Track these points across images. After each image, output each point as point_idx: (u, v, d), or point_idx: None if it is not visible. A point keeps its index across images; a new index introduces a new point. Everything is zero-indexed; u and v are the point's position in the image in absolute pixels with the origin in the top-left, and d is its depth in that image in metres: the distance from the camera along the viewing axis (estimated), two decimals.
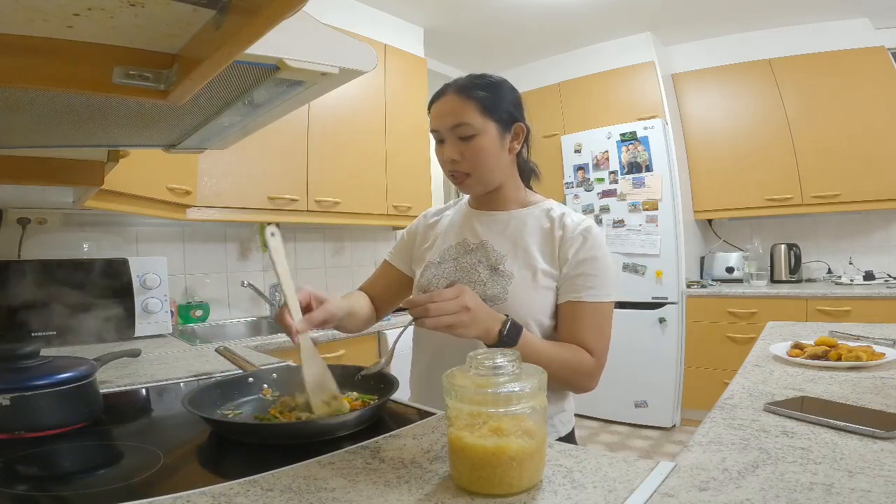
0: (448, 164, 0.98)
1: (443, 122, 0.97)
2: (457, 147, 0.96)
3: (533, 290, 0.96)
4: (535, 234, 1.01)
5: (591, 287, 0.94)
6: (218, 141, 1.10)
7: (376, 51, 0.83)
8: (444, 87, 1.00)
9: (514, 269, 0.97)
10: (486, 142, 0.96)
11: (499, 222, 1.04)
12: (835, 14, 3.12)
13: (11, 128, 0.90)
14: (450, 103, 0.96)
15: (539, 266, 0.97)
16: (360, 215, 2.76)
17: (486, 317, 0.84)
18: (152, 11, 0.55)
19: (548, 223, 1.01)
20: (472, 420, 0.58)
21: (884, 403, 0.85)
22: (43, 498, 0.64)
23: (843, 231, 3.38)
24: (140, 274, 1.92)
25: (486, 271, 0.99)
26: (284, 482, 0.62)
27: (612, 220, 3.41)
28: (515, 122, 1.00)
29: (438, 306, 0.78)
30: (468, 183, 0.99)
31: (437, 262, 1.06)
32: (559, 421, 1.03)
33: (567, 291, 0.96)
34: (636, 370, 3.29)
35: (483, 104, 0.95)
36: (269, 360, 1.35)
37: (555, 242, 0.98)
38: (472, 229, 1.06)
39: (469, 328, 0.81)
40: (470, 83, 0.97)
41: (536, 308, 0.96)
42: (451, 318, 0.78)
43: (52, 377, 0.85)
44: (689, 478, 0.60)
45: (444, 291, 0.80)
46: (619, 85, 3.55)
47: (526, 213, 1.04)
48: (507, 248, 1.00)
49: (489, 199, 1.06)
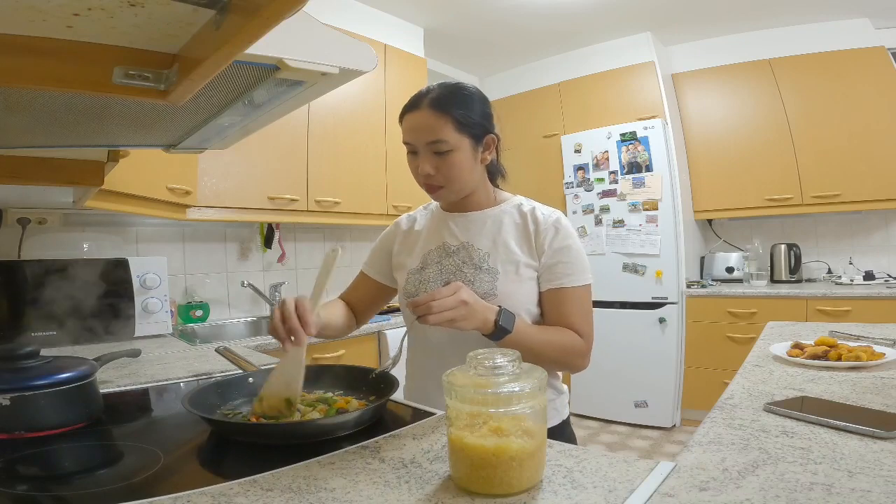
0: (421, 177, 1.01)
1: (418, 136, 0.99)
2: (432, 161, 0.98)
3: (518, 283, 1.01)
4: (511, 230, 1.06)
5: (569, 273, 1.01)
6: (218, 141, 1.10)
7: (376, 51, 0.83)
8: (416, 98, 1.01)
9: (498, 265, 1.02)
10: (461, 157, 0.99)
11: (475, 222, 1.08)
12: (835, 14, 3.11)
13: (11, 128, 0.90)
14: (425, 118, 0.97)
15: (520, 259, 1.02)
16: (360, 215, 2.76)
17: (482, 308, 0.90)
18: (152, 11, 0.55)
19: (520, 218, 1.07)
20: (472, 420, 0.58)
21: (884, 403, 0.85)
22: (43, 498, 0.64)
23: (843, 231, 3.38)
24: (140, 274, 1.92)
25: (471, 270, 1.03)
26: (284, 482, 0.62)
27: (612, 220, 3.40)
28: (487, 134, 1.02)
29: (440, 303, 0.84)
30: (441, 194, 1.03)
31: (420, 267, 1.09)
32: (560, 404, 1.08)
33: (549, 280, 1.02)
34: (636, 370, 3.29)
35: (459, 121, 0.97)
36: (269, 360, 1.35)
37: (530, 235, 1.04)
38: (451, 232, 1.09)
39: (468, 320, 0.87)
40: (445, 98, 0.98)
41: (525, 299, 1.02)
42: (451, 313, 0.85)
43: (52, 377, 0.85)
44: (689, 478, 0.60)
45: (442, 289, 0.87)
46: (619, 85, 3.55)
47: (499, 211, 1.09)
48: (487, 246, 1.05)
49: (462, 202, 1.10)
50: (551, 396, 1.06)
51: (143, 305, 1.91)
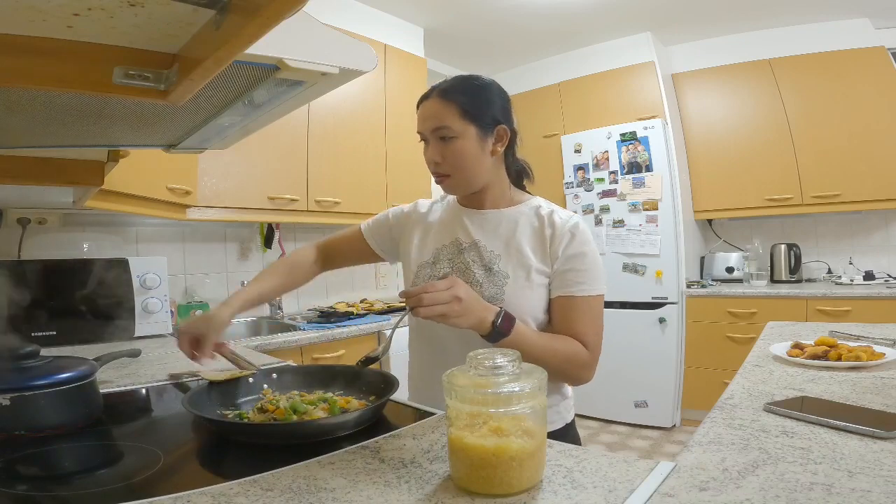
0: (431, 164, 1.02)
1: (425, 124, 1.00)
2: (438, 149, 0.99)
3: (528, 289, 0.98)
4: (526, 233, 1.03)
5: (581, 282, 0.97)
6: (218, 141, 1.10)
7: (376, 51, 0.83)
8: (431, 88, 1.03)
9: (509, 268, 1.00)
10: (466, 145, 0.98)
11: (489, 221, 1.06)
12: (835, 14, 3.11)
13: (11, 128, 0.90)
14: (432, 106, 0.99)
15: (532, 265, 0.99)
16: (360, 215, 2.75)
17: (479, 307, 0.87)
18: (152, 11, 0.55)
19: (537, 221, 1.03)
20: (472, 420, 0.58)
21: (884, 403, 0.85)
22: (43, 498, 0.64)
23: (843, 231, 3.38)
24: (140, 274, 1.92)
25: (481, 271, 1.01)
26: (284, 482, 0.62)
27: (612, 220, 3.40)
28: (499, 125, 1.00)
29: (432, 296, 0.81)
30: (449, 183, 1.02)
31: (432, 262, 1.07)
32: (564, 408, 1.06)
33: (559, 286, 0.99)
34: (636, 370, 3.29)
35: (463, 108, 0.97)
36: (269, 360, 1.35)
37: (545, 240, 1.01)
38: (464, 228, 1.07)
39: (461, 318, 0.84)
40: (452, 87, 0.99)
41: (533, 306, 0.98)
42: (443, 308, 0.82)
43: (52, 377, 0.85)
44: (689, 478, 0.60)
45: (437, 283, 0.84)
46: (619, 85, 3.55)
47: (516, 212, 1.06)
48: (499, 248, 1.02)
49: (476, 198, 1.08)
50: (557, 401, 1.03)
51: (143, 305, 1.91)
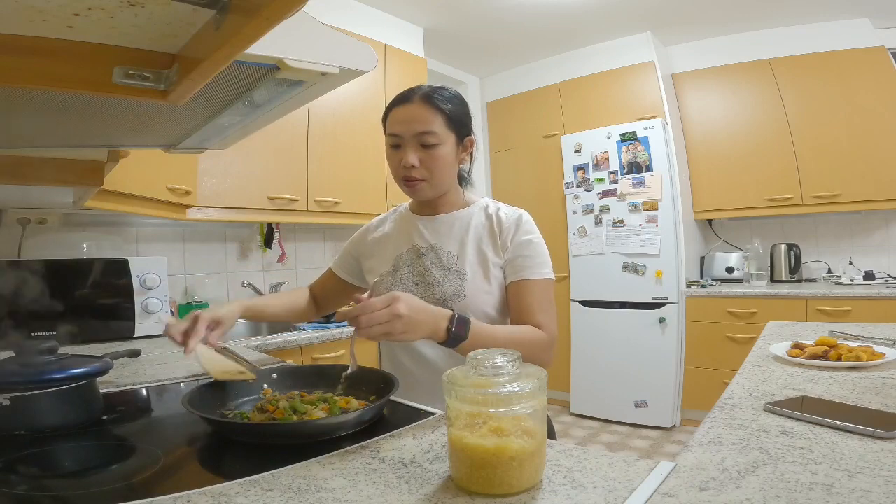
0: (404, 168, 1.03)
1: (408, 127, 1.01)
2: (417, 153, 1.02)
3: (487, 284, 1.04)
4: (478, 231, 1.09)
5: (529, 266, 1.04)
6: (218, 141, 1.10)
7: (376, 51, 0.83)
8: (407, 93, 1.05)
9: (466, 266, 1.05)
10: (446, 152, 1.03)
11: (444, 224, 1.11)
12: (835, 14, 3.11)
13: (11, 128, 0.90)
14: (417, 111, 1.01)
15: (489, 258, 1.06)
16: (360, 215, 2.75)
17: (428, 319, 0.85)
18: (152, 11, 0.55)
19: (486, 219, 1.10)
20: (472, 420, 0.58)
21: (884, 403, 0.85)
22: (43, 498, 0.64)
23: (843, 231, 3.38)
24: (140, 274, 1.92)
25: (440, 272, 1.06)
26: (284, 482, 0.62)
27: (612, 220, 3.40)
28: (468, 136, 1.08)
29: (368, 318, 0.79)
30: (421, 187, 1.04)
31: (392, 269, 1.11)
32: None
33: (511, 273, 1.05)
34: (636, 370, 3.29)
35: (449, 117, 1.02)
36: (269, 360, 1.35)
37: (496, 234, 1.07)
38: (420, 234, 1.12)
39: (407, 333, 0.82)
40: (437, 94, 1.03)
41: (494, 299, 1.05)
42: (382, 328, 0.79)
43: (51, 376, 0.85)
44: (689, 478, 0.60)
45: (373, 302, 0.80)
46: (618, 85, 3.55)
47: (467, 213, 1.12)
48: (456, 248, 1.08)
49: (433, 203, 1.12)
50: None
51: (143, 305, 1.91)
